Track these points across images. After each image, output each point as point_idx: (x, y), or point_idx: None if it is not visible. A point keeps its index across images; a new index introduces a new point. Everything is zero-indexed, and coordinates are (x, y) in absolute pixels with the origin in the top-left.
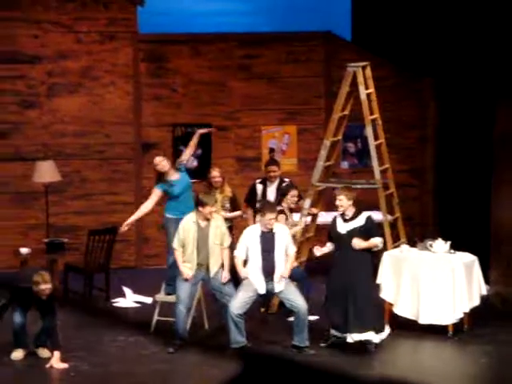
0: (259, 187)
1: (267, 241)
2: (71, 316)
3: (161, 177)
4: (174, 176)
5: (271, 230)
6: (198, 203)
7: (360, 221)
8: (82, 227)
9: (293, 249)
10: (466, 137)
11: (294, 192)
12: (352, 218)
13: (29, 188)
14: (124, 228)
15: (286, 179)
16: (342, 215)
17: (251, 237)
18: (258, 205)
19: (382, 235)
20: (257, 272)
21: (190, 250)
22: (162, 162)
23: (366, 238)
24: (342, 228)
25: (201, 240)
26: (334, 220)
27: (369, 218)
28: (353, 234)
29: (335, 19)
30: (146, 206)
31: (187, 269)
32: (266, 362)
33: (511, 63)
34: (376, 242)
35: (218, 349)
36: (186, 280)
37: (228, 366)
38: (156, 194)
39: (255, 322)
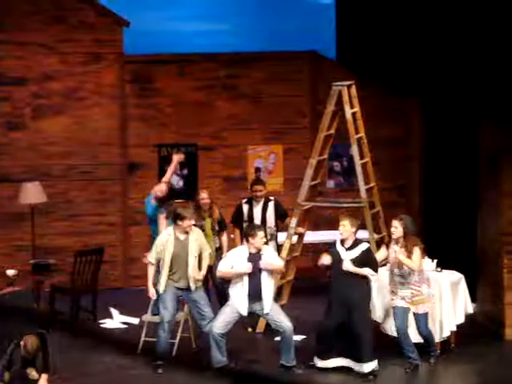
0: (245, 207)
1: (255, 262)
2: (58, 337)
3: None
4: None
5: (259, 250)
6: (177, 217)
7: (356, 252)
8: (69, 248)
9: (280, 262)
10: (452, 155)
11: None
12: (351, 248)
13: (15, 209)
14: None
15: (272, 197)
16: (342, 242)
17: (238, 258)
18: (244, 225)
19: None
20: (241, 293)
21: (166, 265)
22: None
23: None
24: (345, 255)
25: (180, 253)
26: (334, 245)
27: (364, 252)
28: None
29: (320, 39)
30: None
31: (152, 288)
32: (252, 381)
33: (494, 84)
34: (366, 272)
35: (206, 369)
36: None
37: None
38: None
39: (242, 342)
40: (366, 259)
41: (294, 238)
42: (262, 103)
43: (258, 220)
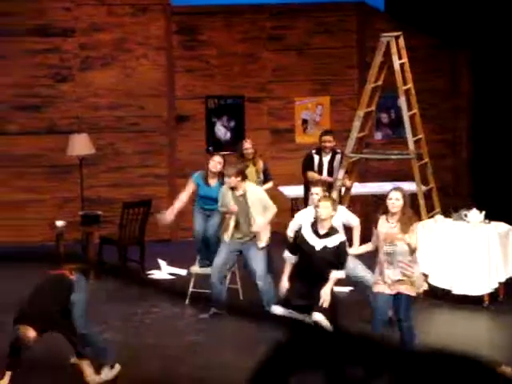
0: (316, 157)
1: None
2: (106, 288)
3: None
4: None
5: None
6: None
7: (334, 241)
8: (116, 200)
9: (356, 220)
10: (501, 107)
11: None
12: (326, 235)
13: (63, 161)
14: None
15: (338, 150)
16: (315, 226)
17: (305, 219)
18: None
19: (417, 206)
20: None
21: (232, 217)
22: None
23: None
24: (316, 243)
25: (239, 209)
26: (301, 229)
27: (343, 244)
28: (325, 253)
29: None
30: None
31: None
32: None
33: None
34: (337, 275)
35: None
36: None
37: (262, 336)
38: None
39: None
40: (341, 253)
41: (342, 190)
42: (309, 55)
43: (325, 171)
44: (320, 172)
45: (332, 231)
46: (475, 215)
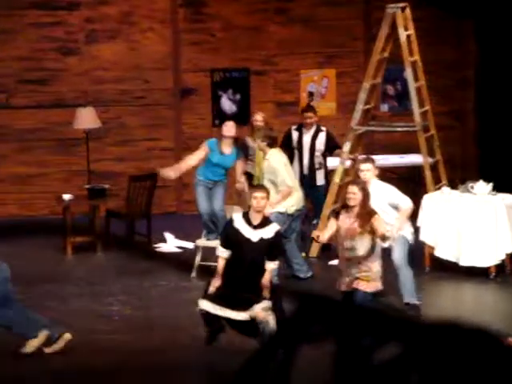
0: (294, 134)
1: None
2: (113, 261)
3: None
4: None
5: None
6: None
7: (269, 232)
8: (123, 173)
9: (405, 202)
10: (507, 79)
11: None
12: (260, 226)
13: (69, 134)
14: (167, 173)
15: (324, 128)
16: (247, 217)
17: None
18: (295, 151)
19: (423, 178)
20: None
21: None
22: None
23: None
24: (252, 235)
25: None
26: (232, 222)
27: (278, 234)
28: (262, 245)
29: None
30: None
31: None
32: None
33: None
34: (273, 267)
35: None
36: None
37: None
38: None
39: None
40: (278, 242)
41: (348, 163)
42: (314, 27)
43: (306, 147)
44: (300, 148)
45: (266, 221)
46: (482, 187)
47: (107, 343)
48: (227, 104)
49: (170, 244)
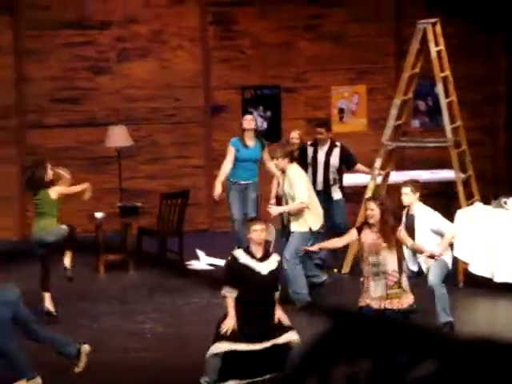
0: (310, 149)
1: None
2: (145, 279)
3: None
4: (250, 142)
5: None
6: None
7: (272, 264)
8: (155, 191)
9: (449, 228)
10: None
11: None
12: (263, 259)
13: (101, 153)
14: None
15: (338, 143)
16: (249, 251)
17: None
18: (308, 168)
19: (455, 194)
20: None
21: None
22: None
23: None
24: (261, 268)
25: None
26: (234, 258)
27: (279, 263)
28: (272, 277)
29: None
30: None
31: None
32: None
33: None
34: (278, 296)
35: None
36: None
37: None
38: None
39: (330, 283)
40: (280, 273)
41: (379, 179)
42: (344, 43)
43: (321, 163)
44: (314, 163)
45: (268, 252)
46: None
47: (139, 361)
48: (258, 121)
49: (202, 261)
